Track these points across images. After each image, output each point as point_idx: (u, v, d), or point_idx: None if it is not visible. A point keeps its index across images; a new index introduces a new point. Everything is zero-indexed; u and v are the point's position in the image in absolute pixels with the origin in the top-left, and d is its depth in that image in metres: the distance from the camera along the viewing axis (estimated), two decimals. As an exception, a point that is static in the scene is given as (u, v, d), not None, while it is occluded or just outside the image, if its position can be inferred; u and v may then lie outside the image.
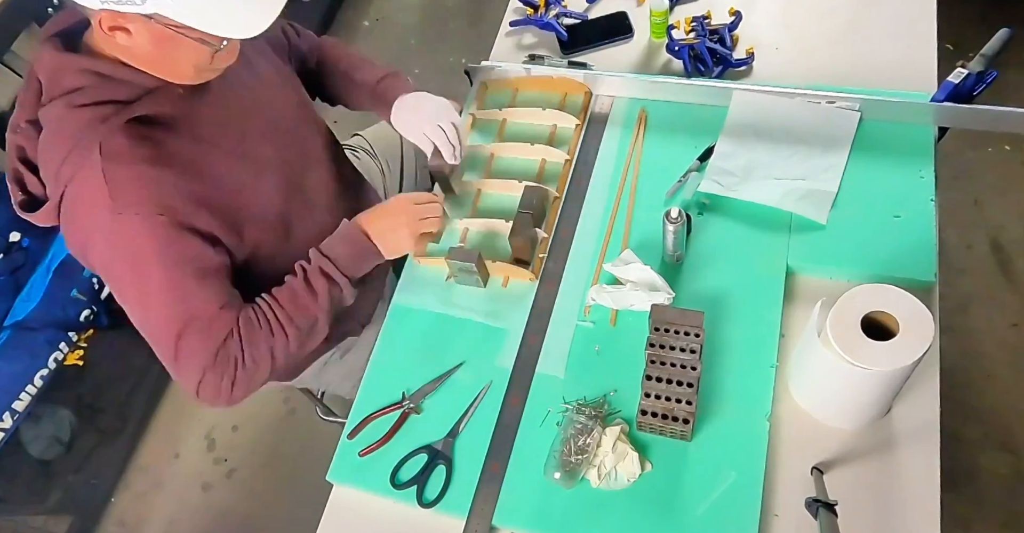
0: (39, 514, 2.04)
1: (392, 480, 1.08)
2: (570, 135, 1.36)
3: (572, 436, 1.03)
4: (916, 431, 1.01)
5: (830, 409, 1.03)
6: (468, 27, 2.88)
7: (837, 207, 1.17)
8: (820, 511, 0.89)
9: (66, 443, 2.04)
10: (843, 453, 1.01)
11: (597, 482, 1.02)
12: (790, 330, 1.10)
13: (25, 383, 1.81)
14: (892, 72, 1.32)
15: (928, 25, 1.37)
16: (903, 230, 1.13)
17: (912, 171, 1.19)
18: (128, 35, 0.89)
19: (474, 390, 1.13)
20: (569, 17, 1.52)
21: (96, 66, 0.94)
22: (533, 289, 1.21)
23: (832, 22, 1.42)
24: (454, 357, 1.17)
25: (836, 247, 1.14)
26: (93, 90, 0.94)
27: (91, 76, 0.93)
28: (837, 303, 0.91)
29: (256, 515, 2.09)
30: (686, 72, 1.40)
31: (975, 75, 1.17)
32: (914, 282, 1.07)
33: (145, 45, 0.91)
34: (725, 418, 1.04)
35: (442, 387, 1.15)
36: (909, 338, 0.88)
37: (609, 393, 1.09)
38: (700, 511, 0.98)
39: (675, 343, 1.04)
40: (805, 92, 1.27)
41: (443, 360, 1.17)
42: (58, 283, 1.85)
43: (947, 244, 2.10)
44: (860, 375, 0.89)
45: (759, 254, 1.16)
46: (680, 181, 1.25)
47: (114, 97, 0.94)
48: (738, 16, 1.43)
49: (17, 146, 1.00)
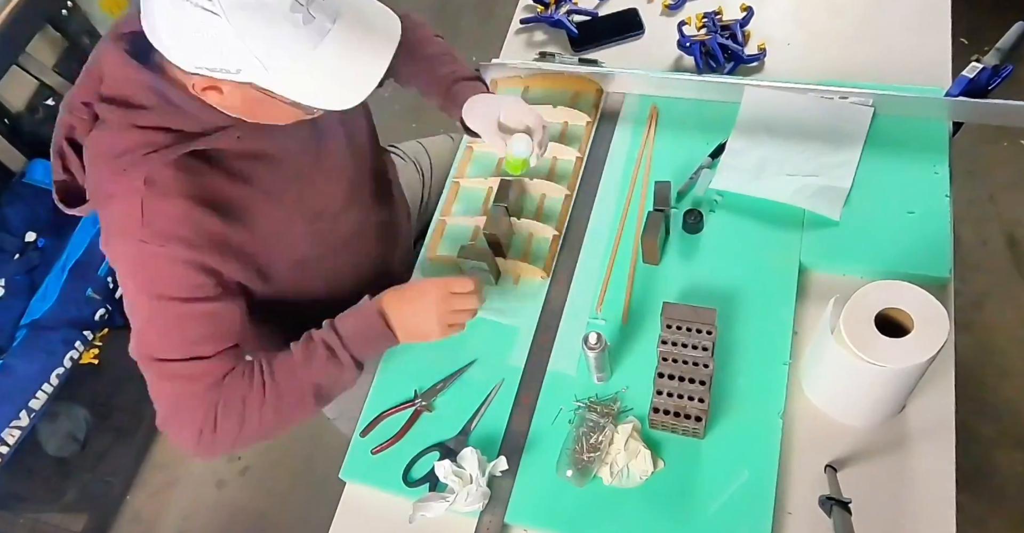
0: (56, 511, 2.06)
1: (404, 478, 1.08)
2: (581, 133, 1.35)
3: (584, 434, 1.03)
4: (931, 429, 1.01)
5: (843, 407, 1.02)
6: (478, 25, 2.88)
7: (851, 203, 1.16)
8: (834, 509, 0.89)
9: (82, 441, 2.06)
10: (857, 451, 1.01)
11: (609, 480, 1.02)
12: (803, 327, 1.10)
13: (42, 382, 1.82)
14: (906, 67, 1.31)
15: (942, 19, 1.36)
16: (917, 226, 1.12)
17: (926, 167, 1.18)
18: (220, 94, 0.86)
19: (486, 388, 1.13)
20: (579, 14, 1.52)
21: (168, 92, 0.89)
22: (545, 286, 1.21)
23: (845, 17, 1.41)
24: (466, 355, 1.17)
25: (849, 243, 1.13)
26: (158, 115, 0.90)
27: (157, 97, 0.89)
28: (851, 300, 0.91)
29: (270, 512, 2.11)
30: (697, 68, 1.40)
31: (990, 69, 1.16)
32: (929, 278, 1.06)
33: (236, 103, 0.89)
34: (738, 416, 1.04)
35: (454, 385, 1.15)
36: (923, 335, 0.87)
37: (621, 390, 1.09)
38: (713, 509, 0.98)
39: (688, 340, 1.04)
40: (818, 88, 1.26)
41: (455, 358, 1.17)
42: (73, 283, 1.86)
43: (962, 240, 2.08)
44: (874, 372, 0.88)
45: (771, 251, 1.15)
46: (691, 178, 1.24)
47: (177, 126, 0.91)
48: (750, 12, 1.42)
49: (68, 124, 0.96)
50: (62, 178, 0.96)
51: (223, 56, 0.79)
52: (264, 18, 0.77)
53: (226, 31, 0.77)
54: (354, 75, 0.85)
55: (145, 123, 0.90)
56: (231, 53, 0.79)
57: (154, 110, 0.90)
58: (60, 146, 0.96)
